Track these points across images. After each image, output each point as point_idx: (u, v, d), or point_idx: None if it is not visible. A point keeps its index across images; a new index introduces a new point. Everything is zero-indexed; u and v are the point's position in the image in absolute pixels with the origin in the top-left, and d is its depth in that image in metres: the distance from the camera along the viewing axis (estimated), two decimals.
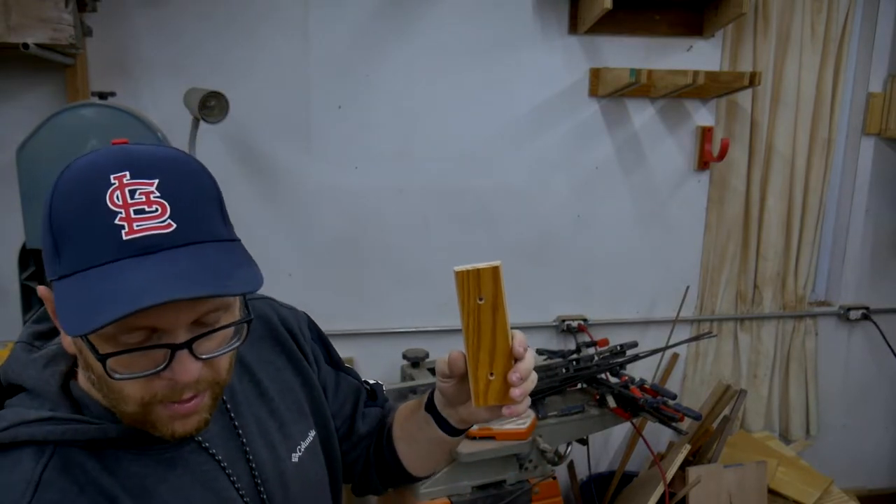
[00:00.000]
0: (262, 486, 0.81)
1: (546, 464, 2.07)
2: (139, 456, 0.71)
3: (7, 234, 2.02)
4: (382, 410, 1.04)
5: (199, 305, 0.63)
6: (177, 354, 0.63)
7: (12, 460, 0.67)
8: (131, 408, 0.66)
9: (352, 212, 2.41)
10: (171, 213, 0.62)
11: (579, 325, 2.59)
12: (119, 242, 0.60)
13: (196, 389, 0.67)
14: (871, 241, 2.83)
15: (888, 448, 3.06)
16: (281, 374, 0.89)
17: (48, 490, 0.65)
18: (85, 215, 0.61)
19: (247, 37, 2.23)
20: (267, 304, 0.93)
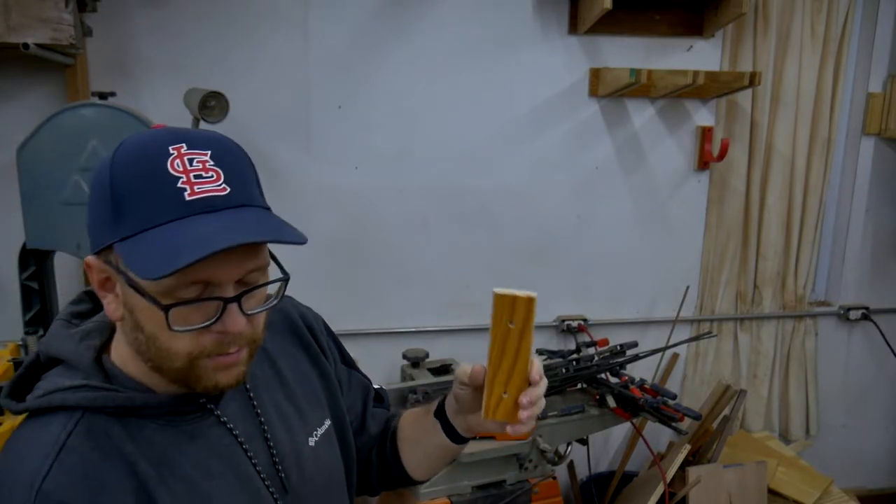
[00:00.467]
0: (279, 464, 0.84)
1: (546, 464, 2.07)
2: (162, 427, 0.76)
3: (7, 234, 2.02)
4: (388, 412, 1.09)
5: (247, 262, 0.70)
6: (228, 308, 0.70)
7: (43, 424, 0.72)
8: (178, 363, 0.72)
9: (352, 212, 2.41)
10: (225, 179, 0.70)
11: (579, 325, 2.59)
12: (183, 202, 0.67)
13: (239, 343, 0.73)
14: (871, 241, 2.83)
15: (888, 448, 3.06)
16: (299, 366, 0.95)
17: (71, 453, 0.70)
18: (149, 180, 0.67)
19: (247, 37, 2.23)
20: (288, 303, 0.98)
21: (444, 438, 0.93)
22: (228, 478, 0.79)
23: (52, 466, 0.69)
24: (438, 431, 0.93)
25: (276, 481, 0.84)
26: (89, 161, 1.75)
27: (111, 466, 0.71)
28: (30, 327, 1.90)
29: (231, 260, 0.68)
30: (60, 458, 0.69)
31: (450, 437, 0.93)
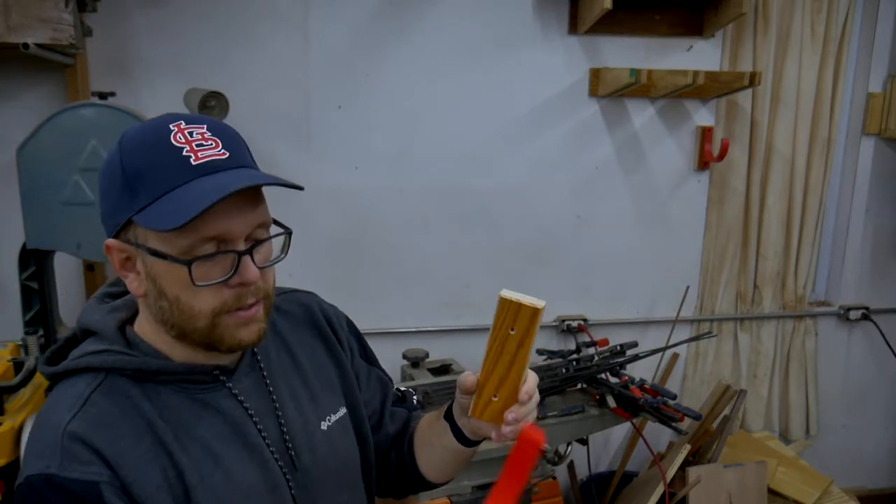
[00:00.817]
0: (290, 443, 0.89)
1: (546, 464, 2.07)
2: (177, 392, 0.83)
3: (7, 234, 2.02)
4: (409, 413, 1.10)
5: (253, 217, 0.78)
6: (242, 260, 0.77)
7: (72, 384, 0.81)
8: (202, 322, 0.79)
9: (352, 212, 2.41)
10: (224, 146, 0.78)
11: (579, 325, 2.59)
12: (190, 167, 0.75)
13: (256, 296, 0.80)
14: (871, 241, 2.83)
15: (888, 448, 3.06)
16: (316, 355, 0.99)
17: (94, 406, 0.78)
18: (157, 154, 0.75)
19: (247, 37, 2.23)
20: (311, 297, 1.05)
21: (454, 441, 0.94)
22: (238, 447, 0.84)
23: (77, 415, 0.77)
24: (448, 434, 0.94)
25: (286, 459, 0.88)
26: (89, 161, 1.75)
27: (130, 420, 0.79)
28: (30, 327, 1.90)
29: (239, 215, 0.76)
30: (84, 409, 0.77)
31: (459, 440, 0.94)
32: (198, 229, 0.74)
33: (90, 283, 2.19)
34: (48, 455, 0.75)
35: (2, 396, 1.49)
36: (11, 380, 1.52)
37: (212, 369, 0.85)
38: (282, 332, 0.97)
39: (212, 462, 0.81)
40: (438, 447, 0.98)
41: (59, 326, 2.03)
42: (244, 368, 0.89)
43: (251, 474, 0.84)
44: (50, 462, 0.74)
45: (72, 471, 0.74)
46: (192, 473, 0.79)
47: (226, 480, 0.82)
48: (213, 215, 0.73)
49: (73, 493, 0.73)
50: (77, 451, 0.75)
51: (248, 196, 0.77)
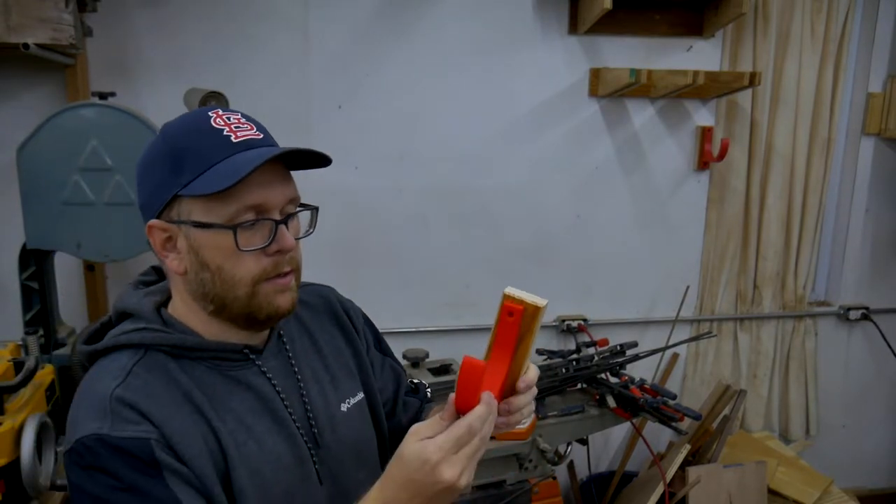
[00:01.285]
0: (313, 420, 0.94)
1: (546, 464, 2.07)
2: (210, 369, 0.89)
3: (7, 234, 2.02)
4: (421, 404, 1.14)
5: (287, 190, 0.87)
6: (279, 228, 0.85)
7: (113, 359, 0.87)
8: (242, 290, 0.85)
9: (352, 212, 2.41)
10: (257, 129, 0.87)
11: (579, 325, 2.59)
12: (231, 143, 0.83)
13: (291, 265, 0.88)
14: (871, 241, 2.83)
15: (888, 448, 3.06)
16: (335, 342, 1.05)
17: (136, 378, 0.83)
18: (199, 135, 0.84)
19: (247, 37, 2.23)
20: (329, 290, 1.13)
21: None
22: (268, 421, 0.90)
23: (121, 384, 0.82)
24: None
25: (310, 435, 0.94)
26: (89, 161, 1.75)
27: (170, 391, 0.84)
28: (30, 327, 1.90)
29: (275, 187, 0.85)
30: (128, 380, 0.83)
31: None
32: (240, 198, 0.82)
33: (90, 283, 2.19)
34: (98, 418, 0.79)
35: (2, 396, 1.49)
36: (11, 380, 1.52)
37: (242, 348, 0.91)
38: (304, 319, 1.03)
39: (245, 432, 0.87)
40: None
41: (59, 326, 2.03)
42: (272, 349, 0.95)
43: (280, 446, 0.89)
44: (101, 424, 0.78)
45: (122, 430, 0.78)
46: (228, 441, 0.84)
47: (258, 450, 0.87)
48: (252, 186, 0.82)
49: (126, 450, 0.77)
50: (126, 413, 0.79)
51: (280, 172, 0.86)
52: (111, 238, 1.81)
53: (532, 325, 0.78)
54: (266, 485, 0.87)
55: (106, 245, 1.82)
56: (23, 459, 1.44)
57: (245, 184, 0.81)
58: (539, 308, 0.77)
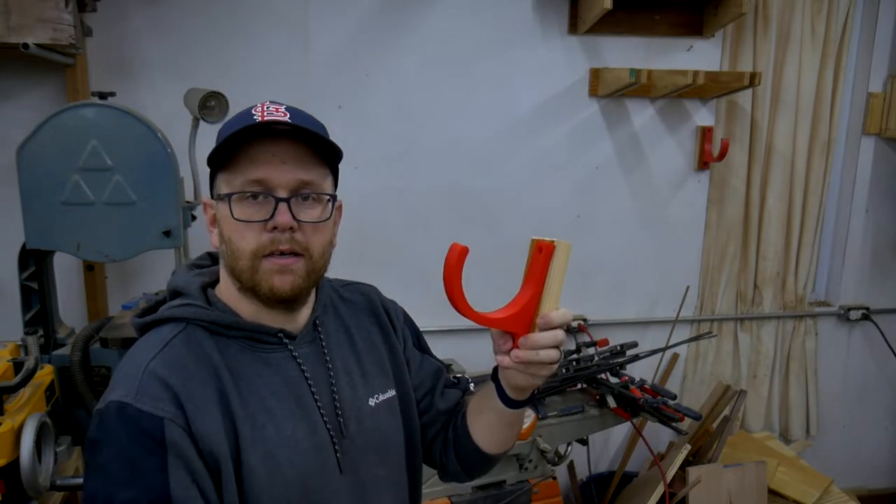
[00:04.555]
0: (340, 410, 0.96)
1: (546, 464, 2.07)
2: (244, 349, 0.92)
3: (7, 234, 2.02)
4: (462, 394, 1.15)
5: (298, 172, 0.88)
6: (279, 205, 0.87)
7: (158, 331, 0.93)
8: (244, 262, 0.88)
9: (352, 212, 2.39)
10: (290, 116, 0.90)
11: (579, 326, 2.58)
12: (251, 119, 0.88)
13: (291, 245, 0.88)
14: (871, 241, 2.84)
15: (888, 448, 3.06)
16: (371, 338, 1.07)
17: (172, 349, 0.89)
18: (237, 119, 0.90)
19: (247, 37, 2.23)
20: (372, 290, 1.17)
21: (498, 402, 0.98)
22: (291, 405, 0.92)
23: (157, 355, 0.87)
24: (494, 395, 0.98)
25: (335, 424, 0.95)
26: (89, 161, 1.75)
27: (201, 366, 0.88)
28: (30, 327, 1.90)
29: (282, 166, 0.87)
30: (164, 352, 0.88)
31: (502, 400, 0.97)
32: (245, 171, 0.87)
33: (90, 283, 2.19)
34: (127, 386, 0.85)
35: (1, 396, 1.49)
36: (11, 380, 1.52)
37: (277, 331, 0.94)
38: (342, 315, 1.06)
39: (266, 415, 0.89)
40: (487, 410, 1.02)
41: (58, 326, 2.03)
42: (306, 337, 0.97)
43: (301, 432, 0.91)
44: (128, 392, 0.84)
45: (143, 403, 0.83)
46: (244, 424, 0.87)
47: (276, 434, 0.89)
48: (258, 162, 0.86)
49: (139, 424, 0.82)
50: (152, 387, 0.84)
51: (296, 154, 0.88)
52: (111, 238, 1.81)
53: (560, 263, 0.87)
54: (279, 467, 0.89)
55: (106, 245, 1.82)
56: (22, 459, 1.44)
57: (251, 159, 0.86)
58: (567, 246, 0.87)
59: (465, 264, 0.88)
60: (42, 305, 1.96)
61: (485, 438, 1.06)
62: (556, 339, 0.88)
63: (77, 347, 1.79)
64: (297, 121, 0.89)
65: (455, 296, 0.84)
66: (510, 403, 0.97)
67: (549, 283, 0.87)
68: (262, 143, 0.87)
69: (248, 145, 0.88)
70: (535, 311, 0.87)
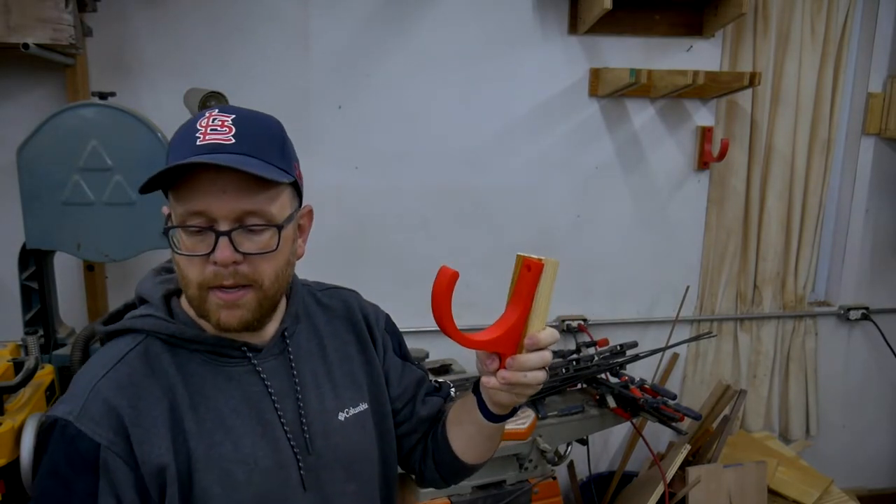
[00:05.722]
0: (306, 425, 0.93)
1: (546, 464, 2.07)
2: (205, 363, 0.90)
3: (7, 234, 2.02)
4: (442, 401, 1.13)
5: (241, 203, 0.82)
6: (219, 240, 0.82)
7: (116, 342, 0.90)
8: (192, 291, 0.85)
9: (352, 212, 2.41)
10: (235, 133, 0.83)
11: (579, 325, 2.59)
12: (194, 146, 0.82)
13: (236, 279, 0.84)
14: (871, 241, 2.83)
15: (888, 448, 3.06)
16: (346, 348, 1.04)
17: (126, 365, 0.87)
18: (180, 136, 0.85)
19: (247, 37, 2.23)
20: (352, 295, 1.13)
21: (480, 416, 0.96)
22: (252, 422, 0.90)
23: (108, 373, 0.85)
24: (475, 409, 0.96)
25: (300, 440, 0.93)
26: (89, 161, 1.75)
27: (154, 383, 0.86)
28: (30, 327, 1.90)
29: (223, 197, 0.81)
30: (116, 368, 0.86)
31: (483, 414, 0.96)
32: (186, 202, 0.82)
33: (90, 283, 2.19)
34: (73, 404, 0.83)
35: (2, 396, 1.49)
36: (11, 380, 1.52)
37: (241, 345, 0.91)
38: (317, 323, 1.03)
39: (223, 433, 0.87)
40: (467, 423, 1.01)
41: (58, 326, 2.02)
42: (272, 349, 0.94)
43: (260, 450, 0.89)
44: (72, 409, 0.83)
45: (84, 423, 0.82)
46: (198, 442, 0.85)
47: (234, 451, 0.87)
48: (198, 191, 0.81)
49: (76, 445, 0.81)
50: (96, 408, 0.83)
51: (238, 182, 0.81)
52: (111, 238, 1.81)
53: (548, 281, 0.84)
54: (237, 486, 0.87)
55: (106, 245, 1.82)
56: (22, 460, 1.44)
57: (192, 189, 0.81)
58: (555, 263, 0.85)
59: (464, 265, 0.88)
60: (42, 305, 1.96)
61: (464, 449, 1.05)
62: (543, 360, 0.86)
63: (77, 347, 1.79)
64: (242, 142, 0.83)
65: (444, 321, 0.81)
66: (491, 418, 0.96)
67: (536, 301, 0.84)
68: (203, 169, 0.81)
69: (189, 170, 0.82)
70: (522, 330, 0.84)
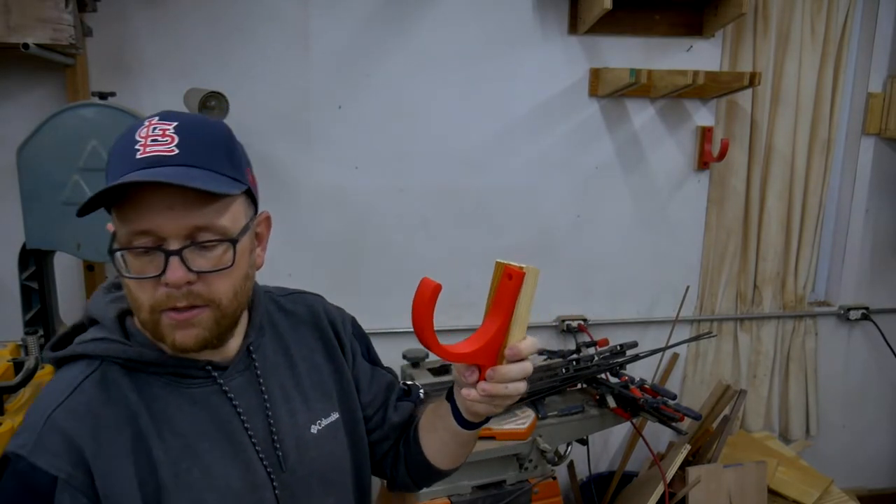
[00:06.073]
0: (278, 443, 0.89)
1: (546, 464, 2.07)
2: (167, 385, 0.84)
3: (7, 234, 2.02)
4: (414, 406, 1.10)
5: (190, 218, 0.76)
6: (170, 260, 0.76)
7: (69, 369, 0.84)
8: (144, 315, 0.80)
9: (352, 212, 2.41)
10: (178, 143, 0.77)
11: (579, 325, 2.58)
12: (133, 161, 0.76)
13: (190, 301, 0.78)
14: (871, 241, 2.83)
15: (888, 448, 3.06)
16: (314, 357, 0.99)
17: (83, 394, 0.80)
18: (119, 148, 0.79)
19: (247, 37, 2.23)
20: (316, 300, 1.06)
21: (454, 423, 0.94)
22: (222, 444, 0.85)
23: (64, 402, 0.79)
24: (450, 416, 0.94)
25: (272, 459, 0.89)
26: (89, 161, 1.75)
27: (115, 411, 0.80)
28: (30, 327, 1.90)
29: (171, 214, 0.76)
30: (72, 397, 0.80)
31: (458, 422, 0.93)
32: (130, 222, 0.77)
33: (90, 283, 2.19)
34: (27, 436, 0.78)
35: (2, 396, 1.49)
36: (11, 380, 1.52)
37: (204, 364, 0.86)
38: (282, 332, 0.98)
39: (191, 458, 0.82)
40: (441, 430, 0.99)
41: (58, 326, 2.02)
42: (238, 366, 0.89)
43: (232, 473, 0.85)
44: (26, 442, 0.77)
45: (39, 457, 0.76)
46: (166, 470, 0.80)
47: (203, 478, 0.82)
48: (144, 210, 0.75)
49: (28, 480, 0.76)
50: (52, 440, 0.77)
51: (186, 196, 0.75)
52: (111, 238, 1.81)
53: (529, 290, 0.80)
54: None
55: (106, 245, 1.81)
56: None
57: (135, 207, 0.75)
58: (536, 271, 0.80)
59: (465, 265, 0.87)
60: (42, 305, 1.96)
61: (437, 455, 1.03)
62: (525, 371, 0.83)
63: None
64: (186, 152, 0.77)
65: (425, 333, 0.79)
66: (466, 426, 0.94)
67: (517, 311, 0.81)
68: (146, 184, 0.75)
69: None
70: (503, 340, 0.82)
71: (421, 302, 0.79)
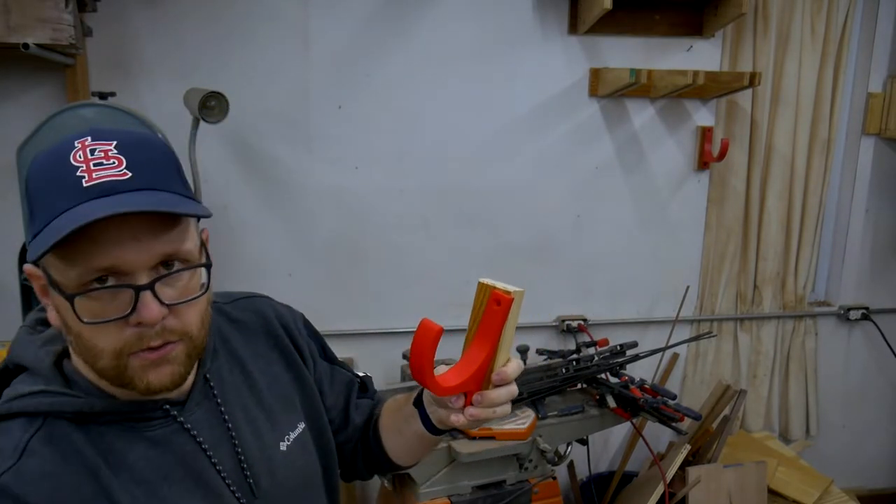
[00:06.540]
0: (247, 470, 0.84)
1: (546, 464, 2.07)
2: (123, 432, 0.76)
3: (7, 234, 2.02)
4: (373, 402, 1.08)
5: (156, 246, 0.68)
6: (141, 296, 0.68)
7: (5, 430, 0.72)
8: (106, 362, 0.70)
9: (352, 212, 2.41)
10: (128, 165, 0.68)
11: (579, 325, 2.59)
12: (81, 189, 0.66)
13: (164, 337, 0.71)
14: (871, 241, 2.83)
15: (888, 448, 3.06)
16: (272, 368, 0.93)
17: (32, 456, 0.70)
18: (52, 175, 0.68)
19: (247, 37, 2.23)
20: (265, 302, 0.98)
21: (422, 428, 0.92)
22: (188, 484, 0.78)
23: (12, 467, 0.69)
24: (417, 421, 0.93)
25: (244, 488, 0.83)
26: None
27: (72, 470, 0.71)
28: None
29: (136, 244, 0.67)
30: (22, 461, 0.70)
31: (426, 427, 0.92)
32: (86, 260, 0.66)
33: None
34: None
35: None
36: None
37: (162, 404, 0.78)
38: (235, 347, 0.91)
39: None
40: (407, 433, 0.97)
41: None
42: (196, 397, 0.82)
43: None
44: None
45: None
46: None
47: None
48: (102, 244, 0.66)
49: None
50: None
51: (151, 222, 0.68)
52: None
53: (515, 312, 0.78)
54: None
55: None
56: None
57: (93, 243, 0.65)
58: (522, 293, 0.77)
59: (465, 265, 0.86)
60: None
61: (400, 454, 1.03)
62: (511, 394, 0.82)
63: None
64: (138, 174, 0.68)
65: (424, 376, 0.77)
66: (435, 431, 0.92)
67: (503, 336, 0.78)
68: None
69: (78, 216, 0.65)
70: (489, 366, 0.80)
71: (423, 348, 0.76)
